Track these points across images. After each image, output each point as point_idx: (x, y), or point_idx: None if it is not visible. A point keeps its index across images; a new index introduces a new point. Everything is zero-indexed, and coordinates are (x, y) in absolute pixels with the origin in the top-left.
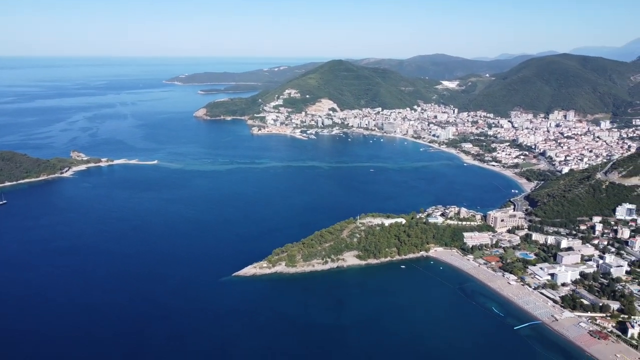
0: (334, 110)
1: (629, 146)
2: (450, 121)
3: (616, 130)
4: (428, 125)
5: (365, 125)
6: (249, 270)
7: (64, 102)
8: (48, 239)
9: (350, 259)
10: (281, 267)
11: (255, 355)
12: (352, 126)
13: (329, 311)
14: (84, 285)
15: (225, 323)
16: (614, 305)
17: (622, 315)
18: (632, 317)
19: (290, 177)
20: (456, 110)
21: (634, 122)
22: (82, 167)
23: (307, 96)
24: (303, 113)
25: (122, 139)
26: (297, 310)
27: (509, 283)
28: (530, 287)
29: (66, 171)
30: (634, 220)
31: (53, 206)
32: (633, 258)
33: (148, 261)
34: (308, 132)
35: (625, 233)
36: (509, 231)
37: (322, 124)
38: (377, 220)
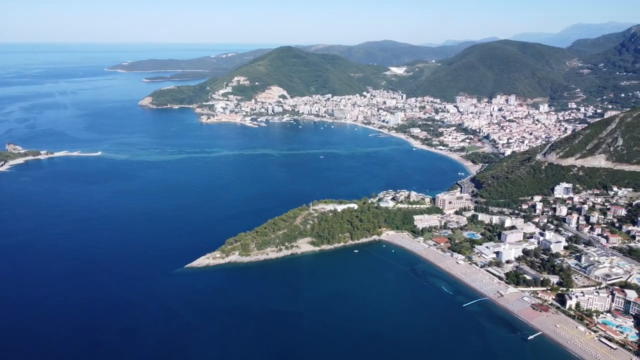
0: (284, 97)
1: (565, 128)
2: (399, 107)
3: (554, 113)
4: (377, 111)
5: (315, 112)
6: (202, 261)
7: None
8: None
9: (304, 246)
10: (235, 257)
11: (210, 344)
12: (302, 113)
13: (284, 298)
14: (32, 281)
15: (179, 315)
16: (554, 279)
17: (561, 288)
18: (570, 289)
19: (242, 166)
20: (404, 96)
21: (569, 106)
22: (20, 160)
23: (257, 83)
24: (253, 100)
25: (63, 130)
26: (252, 298)
27: (458, 263)
28: (477, 265)
29: (2, 165)
30: (571, 199)
31: None
32: (570, 234)
33: (97, 255)
34: (258, 119)
35: (563, 211)
36: (456, 213)
37: (273, 111)
38: (330, 206)
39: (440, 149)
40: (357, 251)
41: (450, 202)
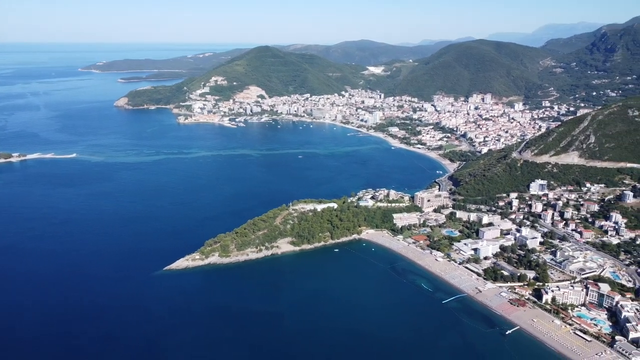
0: (262, 97)
1: (540, 126)
2: (377, 106)
3: (528, 111)
4: (356, 110)
5: (294, 112)
6: (181, 263)
7: None
8: None
9: (284, 246)
10: (214, 258)
11: (191, 347)
12: (281, 113)
13: (264, 299)
14: (6, 286)
15: (158, 318)
16: (530, 275)
17: (537, 283)
18: (546, 284)
19: (221, 166)
20: (382, 95)
21: (543, 104)
22: None
23: (235, 83)
24: (231, 101)
25: (36, 131)
26: (232, 300)
27: (437, 260)
28: (456, 262)
29: None
30: (546, 195)
31: None
32: (545, 230)
33: (74, 259)
34: (237, 120)
35: (538, 207)
36: (435, 210)
37: (251, 111)
38: (310, 206)
39: (419, 148)
40: (337, 250)
41: (428, 200)
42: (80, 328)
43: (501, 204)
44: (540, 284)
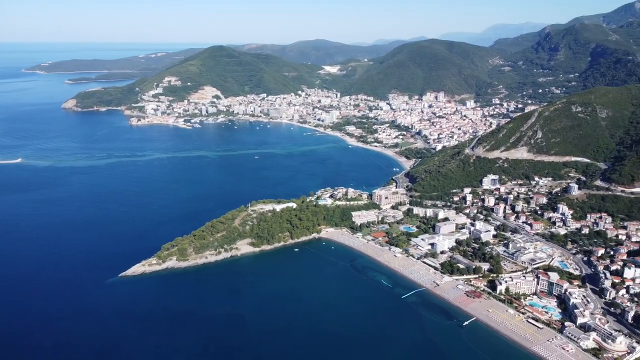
0: (217, 97)
1: (490, 123)
2: (334, 105)
3: (479, 109)
4: (313, 109)
5: (251, 112)
6: (137, 269)
7: None
8: None
9: (244, 247)
10: (172, 262)
11: (149, 356)
12: (237, 113)
13: (225, 302)
14: None
15: (113, 327)
16: (485, 267)
17: (491, 275)
18: (500, 275)
19: (176, 168)
20: (339, 95)
21: (493, 101)
22: None
23: (189, 84)
24: (185, 101)
25: None
26: (191, 304)
27: (395, 256)
28: (414, 257)
29: None
30: (498, 189)
31: None
32: (498, 223)
33: (20, 268)
34: (192, 120)
35: (490, 201)
36: (392, 207)
37: (207, 112)
38: (269, 206)
39: (375, 146)
40: (297, 250)
41: (386, 198)
42: (28, 341)
43: (456, 199)
44: (495, 275)
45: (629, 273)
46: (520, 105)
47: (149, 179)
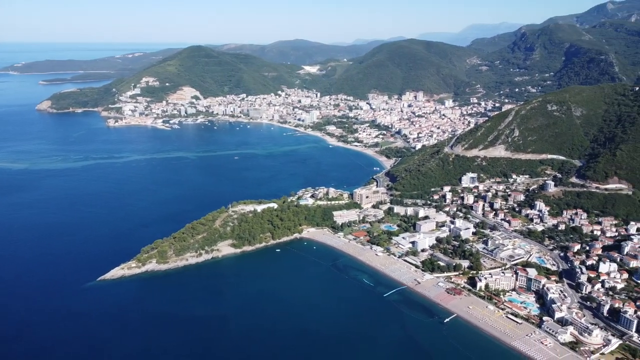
0: (197, 98)
1: (469, 122)
2: (314, 105)
3: (458, 108)
4: (293, 109)
5: (230, 112)
6: (117, 272)
7: None
8: None
9: (225, 249)
10: (152, 265)
11: (130, 359)
12: (217, 114)
13: (207, 304)
14: None
15: (93, 331)
16: (465, 264)
17: (471, 272)
18: (480, 272)
19: (155, 170)
20: (319, 94)
21: (471, 100)
22: None
23: (167, 84)
24: (164, 102)
25: None
26: (173, 307)
27: (377, 255)
28: (395, 256)
29: None
30: (476, 187)
31: None
32: (477, 220)
33: None
34: (171, 121)
35: (470, 199)
36: (373, 206)
37: (186, 112)
38: (250, 207)
39: (356, 146)
40: (279, 250)
41: (367, 197)
42: (5, 348)
43: (436, 197)
44: (474, 272)
45: (604, 267)
46: (497, 104)
47: (127, 181)
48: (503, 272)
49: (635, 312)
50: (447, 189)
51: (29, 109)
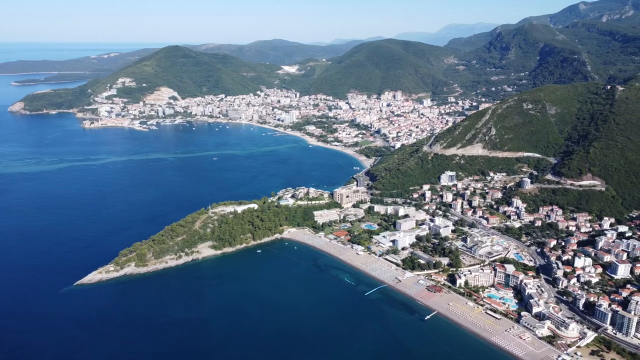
0: (174, 98)
1: (447, 121)
2: (293, 105)
3: (436, 107)
4: (272, 110)
5: (209, 113)
6: (94, 277)
7: None
8: None
9: (205, 250)
10: (131, 269)
11: None
12: (195, 114)
13: (187, 306)
14: None
15: (70, 337)
16: (445, 261)
17: (451, 269)
18: (459, 269)
19: (133, 172)
20: (298, 94)
21: (449, 100)
22: None
23: (144, 85)
24: (141, 103)
25: None
26: (152, 310)
27: (358, 254)
28: (376, 255)
29: None
30: (455, 185)
31: None
32: (456, 218)
33: None
34: (148, 122)
35: (449, 197)
36: (354, 206)
37: (164, 113)
38: (230, 208)
39: (336, 145)
40: (260, 251)
41: (347, 196)
42: None
43: (415, 196)
44: (454, 269)
45: (579, 262)
46: (474, 103)
47: (104, 183)
48: (482, 269)
49: (609, 305)
50: (426, 187)
51: (1, 111)
